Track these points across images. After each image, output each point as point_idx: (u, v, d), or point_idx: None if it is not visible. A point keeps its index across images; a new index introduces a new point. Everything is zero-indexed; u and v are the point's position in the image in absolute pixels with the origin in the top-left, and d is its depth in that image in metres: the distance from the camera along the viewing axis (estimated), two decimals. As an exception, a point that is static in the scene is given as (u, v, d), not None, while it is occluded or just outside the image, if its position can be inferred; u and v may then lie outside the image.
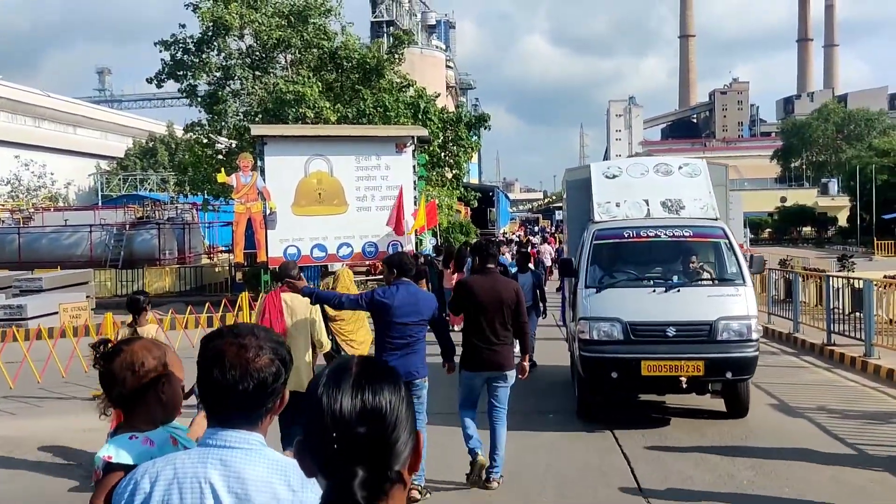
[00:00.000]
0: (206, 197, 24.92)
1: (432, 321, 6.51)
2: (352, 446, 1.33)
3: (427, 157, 22.70)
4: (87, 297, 19.42)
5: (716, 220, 9.51)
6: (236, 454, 1.85)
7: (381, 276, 8.61)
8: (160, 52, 23.61)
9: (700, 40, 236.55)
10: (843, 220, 62.96)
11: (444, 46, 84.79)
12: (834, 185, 78.52)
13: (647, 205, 9.71)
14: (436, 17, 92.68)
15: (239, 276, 23.89)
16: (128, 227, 28.12)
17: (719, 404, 9.14)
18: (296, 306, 6.80)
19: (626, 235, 9.23)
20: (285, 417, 5.70)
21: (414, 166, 20.21)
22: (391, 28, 56.27)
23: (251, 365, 1.87)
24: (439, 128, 23.61)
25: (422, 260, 17.76)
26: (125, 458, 2.19)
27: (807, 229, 60.74)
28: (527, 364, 7.16)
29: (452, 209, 25.91)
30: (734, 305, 8.39)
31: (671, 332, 8.18)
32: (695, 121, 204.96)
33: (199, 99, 23.98)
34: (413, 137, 20.24)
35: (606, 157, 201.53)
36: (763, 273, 16.08)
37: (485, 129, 25.83)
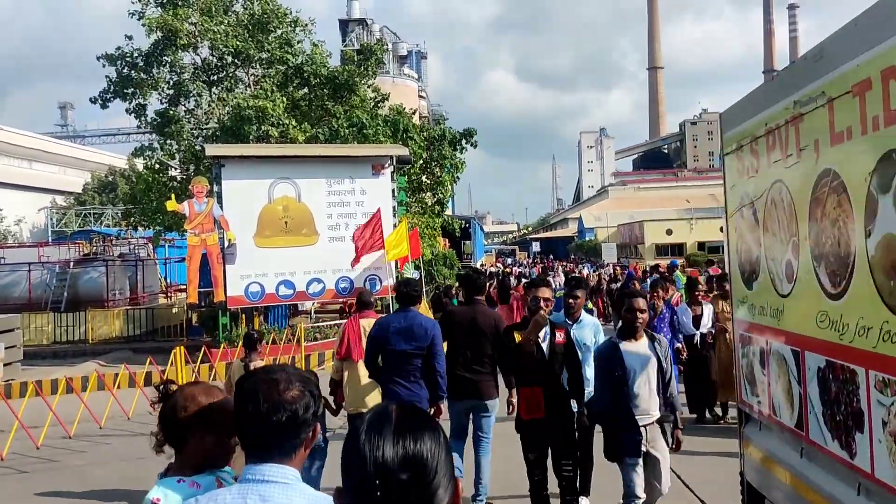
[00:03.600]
0: (157, 229, 22.16)
1: (429, 349, 6.33)
2: (395, 493, 1.35)
3: (407, 179, 20.22)
4: (12, 346, 16.51)
5: None
6: (275, 488, 1.92)
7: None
8: (104, 66, 21.01)
9: (667, 72, 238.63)
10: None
11: (416, 76, 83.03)
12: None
13: None
14: (407, 47, 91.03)
15: (195, 318, 21.10)
16: (72, 264, 25.20)
17: None
18: None
19: None
20: None
21: (393, 190, 17.78)
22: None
23: (282, 397, 1.97)
24: (421, 147, 21.14)
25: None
26: (173, 501, 2.24)
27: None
28: (514, 400, 6.36)
29: (435, 238, 23.38)
30: None
31: None
32: (666, 151, 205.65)
33: (149, 120, 21.37)
34: (392, 157, 17.83)
35: (579, 189, 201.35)
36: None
37: (472, 145, 23.36)
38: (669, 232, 73.98)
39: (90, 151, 74.94)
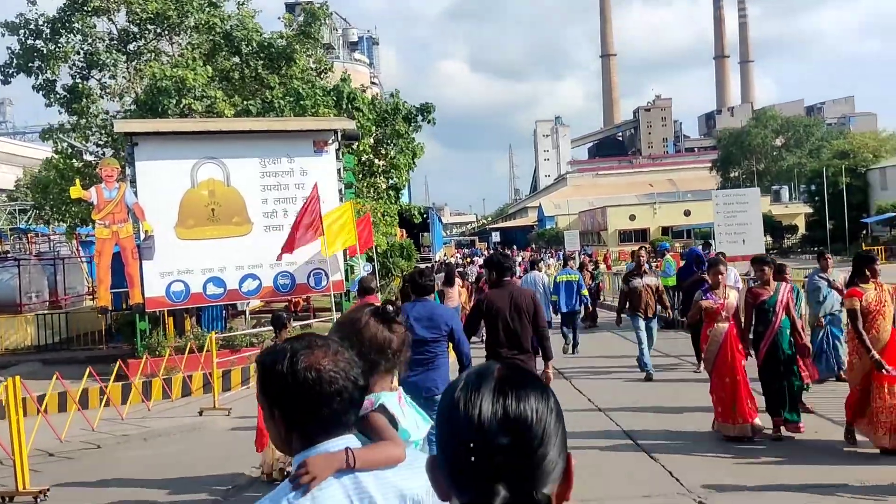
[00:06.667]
0: (69, 223, 19.42)
1: (451, 337, 6.46)
2: (492, 460, 1.15)
3: (356, 159, 17.85)
4: None
5: None
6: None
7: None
8: (3, 36, 18.23)
9: (620, 59, 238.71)
10: (802, 228, 60.83)
11: (367, 61, 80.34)
12: (785, 193, 76.69)
13: None
14: (358, 33, 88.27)
15: (113, 323, 18.48)
16: (-22, 265, 22.31)
17: None
18: None
19: None
20: None
21: (339, 170, 15.42)
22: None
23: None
24: (370, 121, 18.73)
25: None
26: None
27: (767, 239, 58.08)
28: (550, 372, 7.07)
29: (392, 227, 21.03)
30: None
31: None
32: (620, 138, 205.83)
33: (58, 96, 18.64)
34: (336, 132, 15.46)
35: (536, 178, 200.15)
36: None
37: (429, 122, 21.07)
38: (633, 217, 72.76)
39: (23, 146, 70.57)
